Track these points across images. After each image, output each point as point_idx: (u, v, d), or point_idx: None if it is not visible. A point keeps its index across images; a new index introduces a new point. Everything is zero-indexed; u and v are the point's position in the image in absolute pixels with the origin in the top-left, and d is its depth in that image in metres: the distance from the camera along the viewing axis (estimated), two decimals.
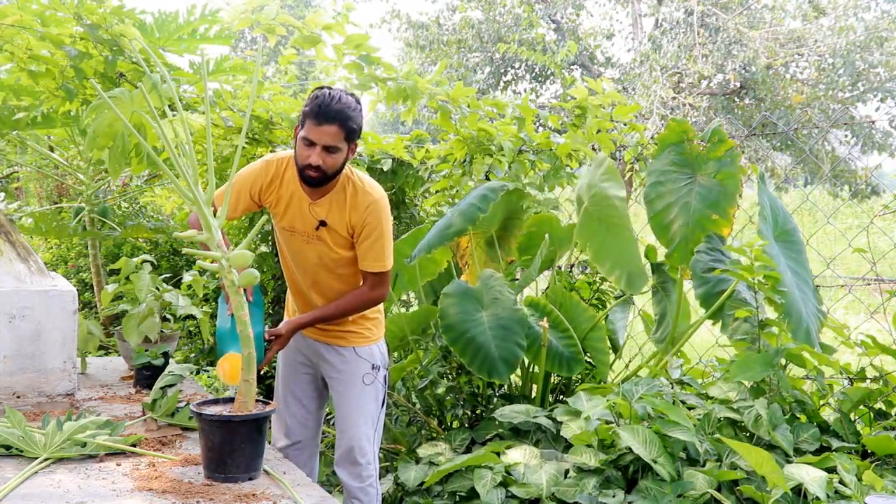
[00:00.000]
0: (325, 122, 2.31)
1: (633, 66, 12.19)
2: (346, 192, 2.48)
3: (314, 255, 2.57)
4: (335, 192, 2.48)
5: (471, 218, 3.26)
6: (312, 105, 2.33)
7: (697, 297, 3.11)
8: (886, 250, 4.45)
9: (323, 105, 2.31)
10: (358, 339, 2.67)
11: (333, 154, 2.36)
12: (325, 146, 2.34)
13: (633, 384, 2.77)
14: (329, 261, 2.57)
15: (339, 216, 2.49)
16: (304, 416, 2.77)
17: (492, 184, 3.46)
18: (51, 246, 5.80)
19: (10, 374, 2.66)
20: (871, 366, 2.90)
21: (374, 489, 2.66)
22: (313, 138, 2.34)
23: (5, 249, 2.72)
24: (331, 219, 2.50)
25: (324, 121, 2.31)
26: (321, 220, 2.50)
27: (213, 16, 2.94)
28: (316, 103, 2.32)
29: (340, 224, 2.50)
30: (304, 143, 2.36)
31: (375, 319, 2.73)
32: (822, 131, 11.34)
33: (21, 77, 3.11)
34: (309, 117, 2.33)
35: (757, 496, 2.25)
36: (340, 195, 2.48)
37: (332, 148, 2.35)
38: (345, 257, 2.56)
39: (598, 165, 3.42)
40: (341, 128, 2.33)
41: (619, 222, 3.33)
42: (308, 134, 2.34)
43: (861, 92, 11.75)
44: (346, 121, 2.33)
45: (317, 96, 2.34)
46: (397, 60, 14.89)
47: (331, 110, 2.31)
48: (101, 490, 1.85)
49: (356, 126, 2.38)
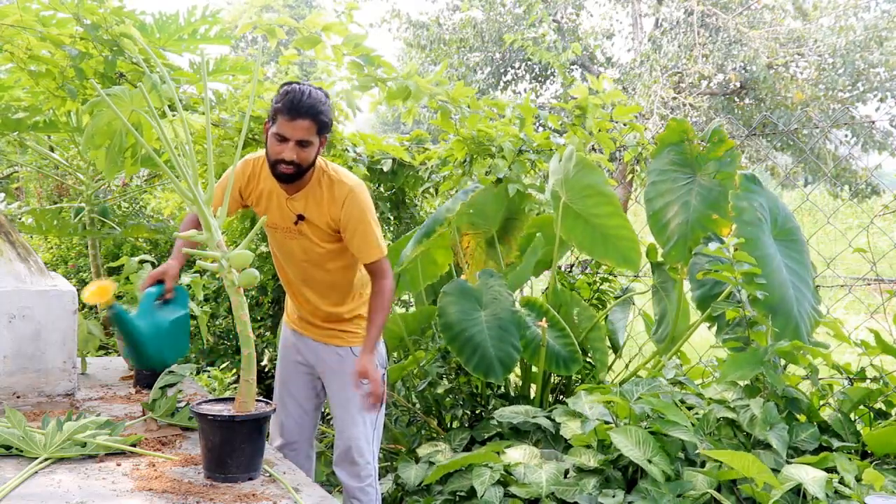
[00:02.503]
0: (297, 118, 2.33)
1: (633, 66, 12.17)
2: (322, 184, 2.50)
3: (299, 251, 2.58)
4: (311, 187, 2.50)
5: (439, 220, 3.28)
6: (284, 101, 2.35)
7: (694, 301, 3.11)
8: (886, 250, 4.45)
9: (295, 101, 2.33)
10: (355, 339, 2.66)
11: (306, 148, 2.39)
12: (298, 141, 2.36)
13: (633, 384, 2.77)
14: (314, 255, 2.57)
15: (317, 209, 2.50)
16: (301, 417, 2.77)
17: (468, 187, 3.47)
18: (51, 246, 5.80)
19: (10, 374, 2.66)
20: (872, 366, 2.90)
21: (373, 489, 2.66)
22: (286, 134, 2.36)
23: (5, 249, 2.72)
24: (309, 212, 2.51)
25: (297, 116, 2.33)
26: (299, 214, 2.52)
27: (214, 17, 2.94)
28: (288, 99, 2.34)
29: (319, 218, 2.51)
30: (276, 139, 2.38)
31: None
32: (822, 131, 11.33)
33: (21, 77, 3.11)
34: (281, 113, 2.35)
35: (757, 496, 2.25)
36: (316, 189, 2.50)
37: (305, 142, 2.37)
38: (329, 251, 2.56)
39: (567, 159, 3.42)
40: (314, 122, 2.36)
41: (602, 209, 3.34)
42: (281, 130, 2.36)
43: (861, 92, 11.74)
44: (318, 115, 2.36)
45: (287, 92, 2.36)
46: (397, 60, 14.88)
47: (303, 105, 2.33)
48: (101, 490, 1.85)
49: (327, 119, 2.42)
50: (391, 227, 4.36)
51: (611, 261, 3.48)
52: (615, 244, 3.39)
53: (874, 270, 3.53)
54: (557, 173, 3.44)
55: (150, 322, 2.31)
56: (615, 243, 3.39)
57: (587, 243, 3.45)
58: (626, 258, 3.39)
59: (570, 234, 3.46)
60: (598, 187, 3.34)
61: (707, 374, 3.24)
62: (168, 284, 2.38)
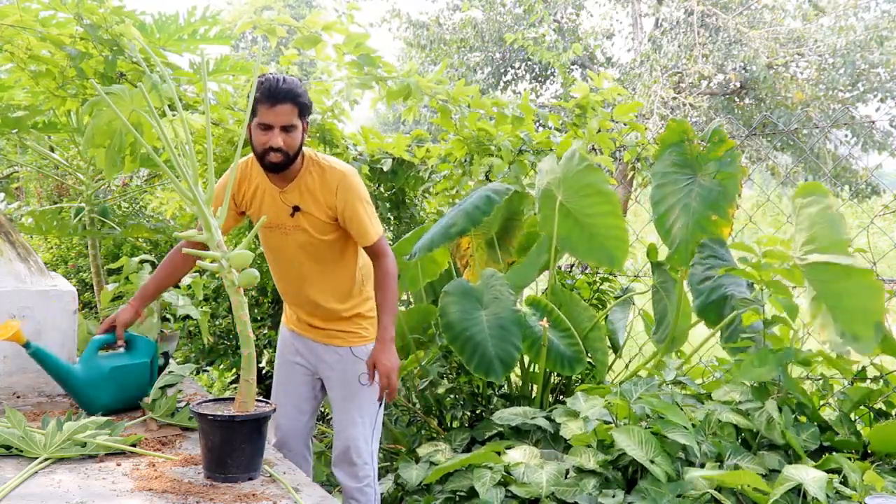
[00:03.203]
0: (278, 103, 2.37)
1: (633, 66, 12.17)
2: (314, 173, 2.51)
3: (295, 247, 2.57)
4: (302, 177, 2.51)
5: (474, 220, 3.28)
6: (262, 90, 2.38)
7: (694, 310, 3.11)
8: (886, 250, 4.44)
9: (272, 87, 2.38)
10: (355, 339, 2.66)
11: (291, 133, 2.41)
12: (282, 126, 2.39)
13: (632, 384, 2.77)
14: (311, 249, 2.57)
15: (312, 198, 2.51)
16: (298, 418, 2.76)
17: (496, 186, 3.46)
18: (51, 246, 5.81)
19: (9, 374, 2.66)
20: (872, 365, 2.90)
21: (371, 489, 2.66)
22: (269, 121, 2.39)
23: (5, 249, 2.72)
24: (304, 203, 2.51)
25: (276, 101, 2.37)
26: (294, 206, 2.52)
27: (214, 17, 2.94)
28: (265, 87, 2.38)
29: (316, 207, 2.51)
30: (261, 129, 2.41)
31: (373, 319, 2.72)
32: (822, 131, 11.33)
33: (21, 77, 3.11)
34: (261, 102, 2.38)
35: (756, 497, 2.25)
36: (308, 178, 2.51)
37: (289, 127, 2.41)
38: (326, 241, 2.56)
39: (569, 158, 3.41)
40: (294, 104, 2.40)
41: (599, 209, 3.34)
42: (263, 118, 2.39)
43: (861, 92, 11.75)
44: (297, 97, 2.40)
45: (262, 82, 2.39)
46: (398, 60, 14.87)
47: (280, 90, 2.37)
48: (101, 490, 1.85)
49: (307, 101, 2.46)
50: (391, 227, 4.36)
51: (593, 260, 3.46)
52: (601, 243, 3.37)
53: (874, 270, 3.52)
54: (554, 172, 3.44)
55: (88, 367, 2.40)
56: (602, 242, 3.37)
57: (571, 242, 3.43)
58: (611, 257, 3.36)
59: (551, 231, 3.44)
60: (598, 186, 3.34)
61: (707, 374, 3.23)
62: (118, 332, 2.47)
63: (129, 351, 2.54)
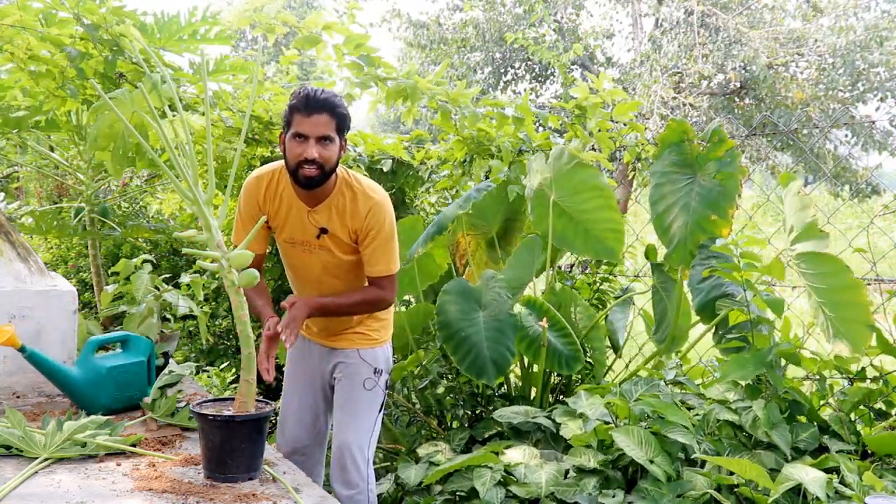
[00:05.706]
0: (314, 112, 2.28)
1: (633, 66, 12.17)
2: (346, 196, 2.43)
3: (317, 265, 2.52)
4: (333, 197, 2.43)
5: (450, 217, 3.28)
6: (299, 99, 2.30)
7: (694, 309, 3.11)
8: (886, 250, 4.44)
9: (310, 97, 2.29)
10: (363, 341, 2.64)
11: (328, 145, 2.31)
12: (318, 137, 2.30)
13: (632, 384, 2.77)
14: (333, 267, 2.52)
15: (340, 222, 2.43)
16: (311, 423, 2.72)
17: (481, 185, 3.47)
18: (51, 246, 5.81)
19: (9, 374, 2.66)
20: (872, 366, 2.90)
21: (363, 497, 2.57)
22: (306, 131, 2.29)
23: (5, 249, 2.72)
24: (332, 225, 2.44)
25: (314, 111, 2.28)
26: (321, 227, 2.45)
27: (214, 18, 2.94)
28: (302, 96, 2.30)
29: (342, 230, 2.45)
30: (295, 141, 2.31)
31: (385, 321, 2.71)
32: (822, 131, 11.33)
33: (21, 77, 3.11)
34: (297, 111, 2.30)
35: (756, 497, 2.25)
36: (339, 199, 2.43)
37: (326, 138, 2.31)
38: (350, 261, 2.52)
39: (557, 157, 3.41)
40: (332, 116, 2.30)
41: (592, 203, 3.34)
42: (299, 128, 2.30)
43: (861, 92, 11.74)
44: (335, 108, 2.31)
45: (300, 92, 2.32)
46: (398, 60, 14.86)
47: (318, 100, 2.29)
48: (101, 490, 1.85)
49: (346, 114, 2.35)
50: None
51: (591, 254, 3.47)
52: (597, 236, 3.38)
53: (874, 270, 3.52)
54: (545, 172, 3.43)
55: (85, 367, 2.42)
56: (597, 235, 3.38)
57: (567, 239, 3.43)
58: (608, 249, 3.37)
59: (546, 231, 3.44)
60: (590, 181, 3.34)
61: (707, 373, 3.24)
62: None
63: (125, 350, 2.54)
